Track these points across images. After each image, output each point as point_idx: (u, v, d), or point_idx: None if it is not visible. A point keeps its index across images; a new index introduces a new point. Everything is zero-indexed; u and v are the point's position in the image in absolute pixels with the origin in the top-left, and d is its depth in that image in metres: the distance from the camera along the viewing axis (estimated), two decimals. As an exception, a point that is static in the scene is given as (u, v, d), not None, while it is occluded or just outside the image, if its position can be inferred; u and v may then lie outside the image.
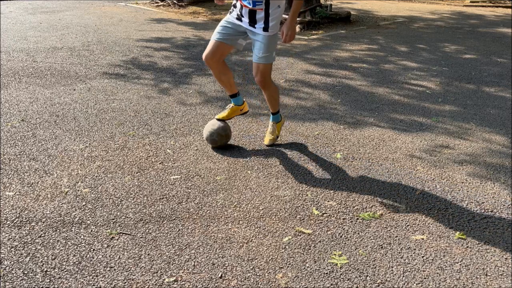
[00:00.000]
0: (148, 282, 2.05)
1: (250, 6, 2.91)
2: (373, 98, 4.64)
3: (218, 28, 3.09)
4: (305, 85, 5.02)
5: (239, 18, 3.01)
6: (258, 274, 2.12)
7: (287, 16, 3.04)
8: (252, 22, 2.96)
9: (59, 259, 2.18)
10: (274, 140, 3.46)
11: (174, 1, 10.99)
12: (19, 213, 2.53)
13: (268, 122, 3.57)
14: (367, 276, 2.12)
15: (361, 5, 12.22)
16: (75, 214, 2.54)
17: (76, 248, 2.26)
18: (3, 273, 2.08)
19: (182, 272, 2.12)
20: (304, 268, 2.16)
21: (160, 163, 3.15)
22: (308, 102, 4.49)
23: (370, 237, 2.41)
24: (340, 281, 2.08)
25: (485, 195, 2.85)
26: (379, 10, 11.45)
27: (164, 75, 5.26)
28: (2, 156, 3.19)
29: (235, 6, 3.04)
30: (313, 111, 4.22)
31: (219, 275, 2.10)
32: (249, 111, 4.14)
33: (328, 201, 2.73)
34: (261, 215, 2.58)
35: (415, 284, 2.08)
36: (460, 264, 2.21)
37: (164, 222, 2.49)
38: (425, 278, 2.11)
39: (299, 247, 2.31)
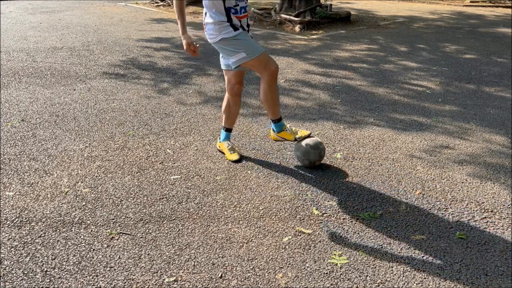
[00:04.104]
0: (148, 282, 2.05)
1: (244, 14, 2.86)
2: (373, 98, 4.64)
3: (253, 41, 2.88)
4: (305, 85, 5.02)
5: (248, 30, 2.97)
6: (258, 274, 2.12)
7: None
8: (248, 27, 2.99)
9: (59, 259, 2.18)
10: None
11: (174, 1, 10.98)
12: (19, 213, 2.53)
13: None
14: (367, 276, 2.12)
15: (361, 5, 12.22)
16: (75, 214, 2.54)
17: (76, 248, 2.26)
18: (3, 273, 2.08)
19: (182, 272, 2.12)
20: (304, 268, 2.16)
21: (160, 163, 3.15)
22: (308, 102, 4.48)
23: (370, 237, 2.40)
24: (340, 281, 2.08)
25: (485, 195, 2.85)
26: (379, 10, 11.45)
27: (164, 75, 5.26)
28: (2, 156, 3.19)
29: (237, 24, 2.84)
30: (313, 111, 4.22)
31: (219, 275, 2.10)
32: (249, 112, 4.14)
33: (328, 201, 2.73)
34: (261, 215, 2.58)
35: (415, 284, 2.08)
36: (460, 264, 2.21)
37: (164, 222, 2.49)
38: (425, 278, 2.11)
39: (299, 247, 2.31)
